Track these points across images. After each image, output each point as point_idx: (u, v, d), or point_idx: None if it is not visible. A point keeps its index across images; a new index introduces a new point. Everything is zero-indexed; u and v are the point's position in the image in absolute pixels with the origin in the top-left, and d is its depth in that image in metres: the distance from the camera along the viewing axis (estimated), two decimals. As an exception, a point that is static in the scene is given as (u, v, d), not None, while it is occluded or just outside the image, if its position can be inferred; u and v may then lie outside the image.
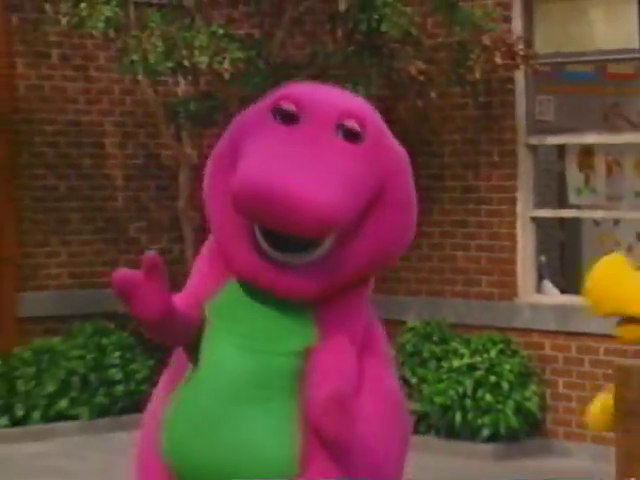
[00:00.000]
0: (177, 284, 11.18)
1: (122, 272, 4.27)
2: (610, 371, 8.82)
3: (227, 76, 9.93)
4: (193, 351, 4.64)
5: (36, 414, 10.69)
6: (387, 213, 4.59)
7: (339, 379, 4.43)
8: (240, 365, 4.52)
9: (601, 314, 5.19)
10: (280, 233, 4.37)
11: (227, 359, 4.53)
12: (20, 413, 10.63)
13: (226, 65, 9.84)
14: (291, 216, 4.25)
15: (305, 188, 4.26)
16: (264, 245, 4.45)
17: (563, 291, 10.72)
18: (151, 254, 4.33)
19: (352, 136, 4.48)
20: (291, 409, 4.55)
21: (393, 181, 4.62)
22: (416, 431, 9.11)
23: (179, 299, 4.64)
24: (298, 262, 4.46)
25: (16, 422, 10.61)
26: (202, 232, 10.72)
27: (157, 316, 4.36)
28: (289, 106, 4.50)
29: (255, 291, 4.56)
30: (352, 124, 4.50)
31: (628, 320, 5.08)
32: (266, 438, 4.51)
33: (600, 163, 11.23)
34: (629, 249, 11.40)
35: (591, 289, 5.24)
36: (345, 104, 4.58)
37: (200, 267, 4.83)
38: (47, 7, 10.37)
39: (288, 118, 4.49)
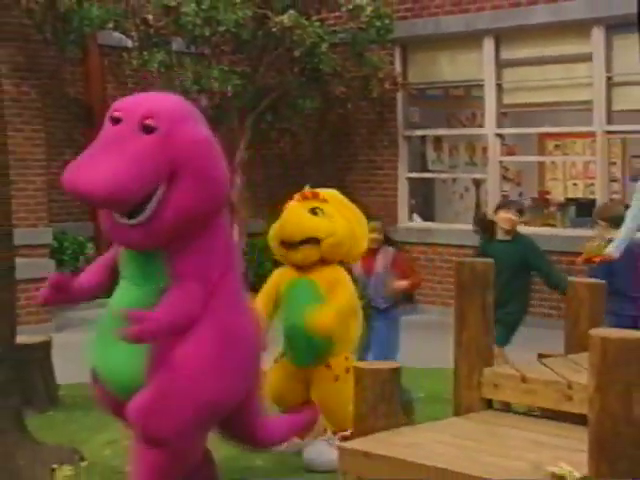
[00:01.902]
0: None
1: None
2: (450, 265, 8.88)
3: (230, 95, 9.87)
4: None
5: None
6: (183, 186, 3.76)
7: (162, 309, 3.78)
8: (132, 294, 3.93)
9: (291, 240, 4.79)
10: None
11: (120, 294, 3.99)
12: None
13: (229, 88, 9.77)
14: (84, 198, 3.67)
15: (82, 177, 3.62)
16: (115, 215, 3.83)
17: (425, 220, 10.78)
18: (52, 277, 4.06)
19: (149, 130, 3.71)
20: None
21: (186, 161, 3.76)
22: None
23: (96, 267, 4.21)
24: (134, 223, 3.77)
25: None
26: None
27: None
28: (116, 114, 3.77)
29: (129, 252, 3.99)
30: (147, 122, 3.71)
31: (305, 244, 4.76)
32: (128, 357, 3.88)
33: (445, 146, 11.33)
34: (461, 196, 11.48)
35: (281, 226, 4.87)
36: (148, 106, 3.80)
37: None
38: (124, 55, 10.26)
39: (116, 122, 3.75)
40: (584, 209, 10.19)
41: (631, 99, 9.20)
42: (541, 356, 4.44)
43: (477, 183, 11.10)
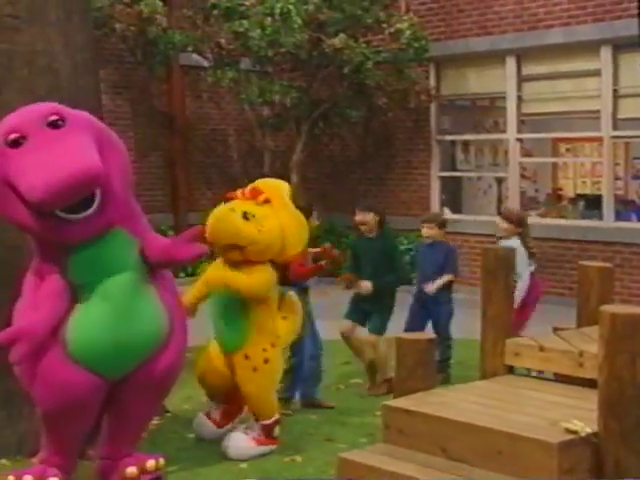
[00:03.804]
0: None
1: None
2: (476, 251, 8.75)
3: (288, 105, 9.89)
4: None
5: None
6: (111, 154, 3.53)
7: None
8: (117, 280, 3.56)
9: (216, 243, 4.20)
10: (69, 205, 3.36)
11: (107, 282, 3.53)
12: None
13: (288, 100, 9.79)
14: (84, 184, 3.30)
15: (75, 164, 3.27)
16: (64, 215, 3.40)
17: (454, 212, 10.69)
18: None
19: (57, 125, 3.40)
20: (155, 298, 3.67)
21: (102, 138, 3.58)
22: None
23: (46, 289, 3.52)
24: (88, 214, 3.44)
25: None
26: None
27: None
28: (14, 135, 3.38)
29: (89, 244, 3.52)
30: (55, 118, 3.41)
31: (230, 247, 4.17)
32: (152, 318, 3.65)
33: (472, 150, 11.19)
34: (485, 192, 11.38)
35: (210, 226, 4.21)
36: (43, 110, 3.46)
37: (39, 257, 3.60)
38: (201, 73, 10.34)
39: (16, 144, 3.37)
40: (592, 203, 10.09)
41: (634, 108, 9.07)
42: (556, 329, 4.39)
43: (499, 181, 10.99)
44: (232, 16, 9.53)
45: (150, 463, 3.83)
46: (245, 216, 4.19)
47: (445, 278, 5.77)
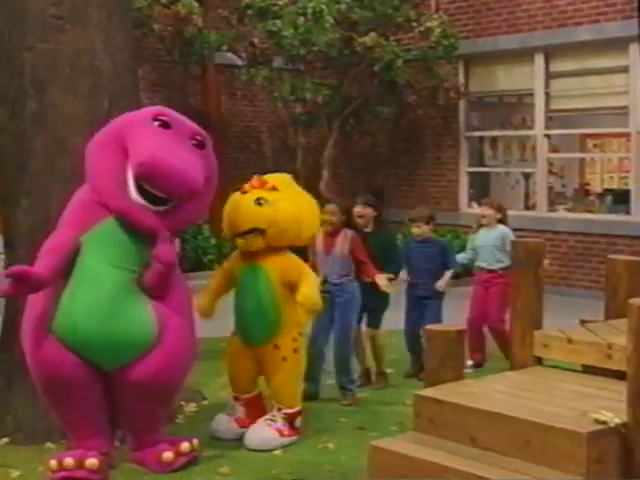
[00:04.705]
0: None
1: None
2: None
3: (320, 103, 9.88)
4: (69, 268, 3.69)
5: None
6: (207, 191, 3.83)
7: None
8: (113, 275, 3.68)
9: (236, 231, 4.28)
10: (153, 191, 3.65)
11: (104, 272, 3.67)
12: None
13: (320, 98, 9.79)
14: (178, 185, 3.61)
15: (187, 169, 3.64)
16: (140, 199, 3.68)
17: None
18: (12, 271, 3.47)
19: (200, 145, 3.83)
20: (146, 304, 3.73)
21: (210, 179, 3.85)
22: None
23: (55, 241, 3.69)
24: (159, 209, 3.71)
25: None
26: (308, 173, 10.75)
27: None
28: (166, 119, 3.79)
29: (122, 228, 3.72)
30: (201, 139, 3.86)
31: (250, 233, 4.24)
32: (137, 319, 3.71)
33: (500, 145, 11.10)
34: (512, 187, 11.28)
35: (226, 217, 4.35)
36: (196, 127, 3.91)
37: (73, 212, 3.82)
38: (235, 71, 10.36)
39: (164, 125, 3.76)
40: (619, 198, 9.97)
41: (662, 104, 8.94)
42: (583, 322, 4.35)
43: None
44: (265, 16, 9.56)
45: (184, 445, 3.88)
46: (258, 202, 4.25)
47: (450, 273, 5.65)
